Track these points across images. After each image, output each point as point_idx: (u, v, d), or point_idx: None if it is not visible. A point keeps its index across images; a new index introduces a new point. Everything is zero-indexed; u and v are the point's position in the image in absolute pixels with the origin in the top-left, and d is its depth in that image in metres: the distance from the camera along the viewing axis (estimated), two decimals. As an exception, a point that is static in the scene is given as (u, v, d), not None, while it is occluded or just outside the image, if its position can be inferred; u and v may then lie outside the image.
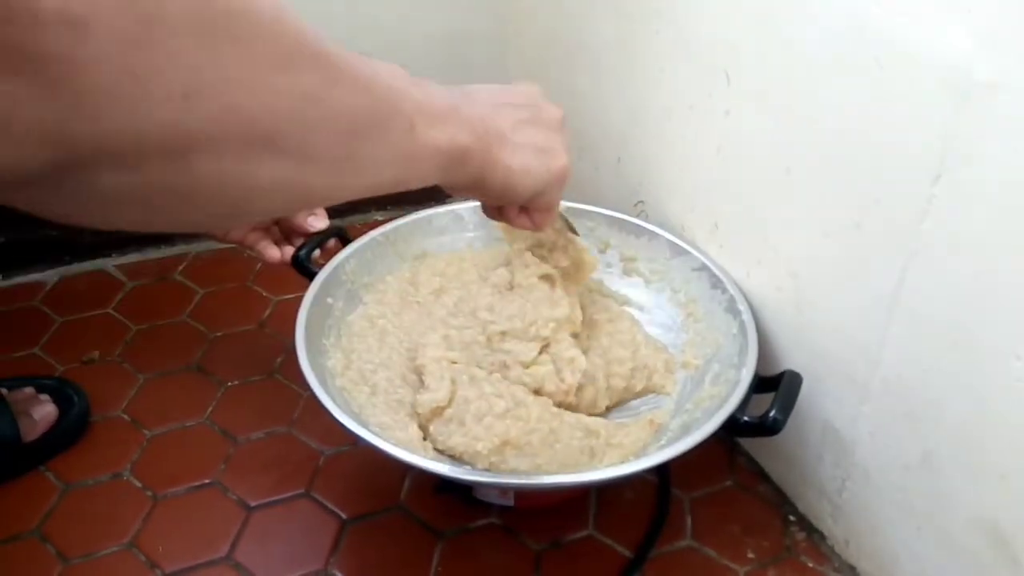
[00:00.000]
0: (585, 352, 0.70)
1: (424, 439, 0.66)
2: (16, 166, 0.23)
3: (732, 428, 0.60)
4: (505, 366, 0.68)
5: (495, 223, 0.58)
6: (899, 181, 0.53)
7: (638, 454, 0.65)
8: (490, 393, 0.66)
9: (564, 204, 0.75)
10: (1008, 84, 0.45)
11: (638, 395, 0.73)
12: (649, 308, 0.80)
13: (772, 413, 0.59)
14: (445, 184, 0.43)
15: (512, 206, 0.53)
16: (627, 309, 0.79)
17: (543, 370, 0.67)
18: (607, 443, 0.66)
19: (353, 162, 0.34)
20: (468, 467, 0.64)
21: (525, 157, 0.47)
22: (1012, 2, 0.43)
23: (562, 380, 0.67)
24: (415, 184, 0.40)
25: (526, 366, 0.68)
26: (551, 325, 0.68)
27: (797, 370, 0.65)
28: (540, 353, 0.68)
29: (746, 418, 0.60)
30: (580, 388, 0.68)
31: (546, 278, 0.70)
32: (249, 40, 0.26)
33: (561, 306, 0.69)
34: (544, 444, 0.64)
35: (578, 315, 0.71)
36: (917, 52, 0.49)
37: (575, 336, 0.71)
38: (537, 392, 0.67)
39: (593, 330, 0.75)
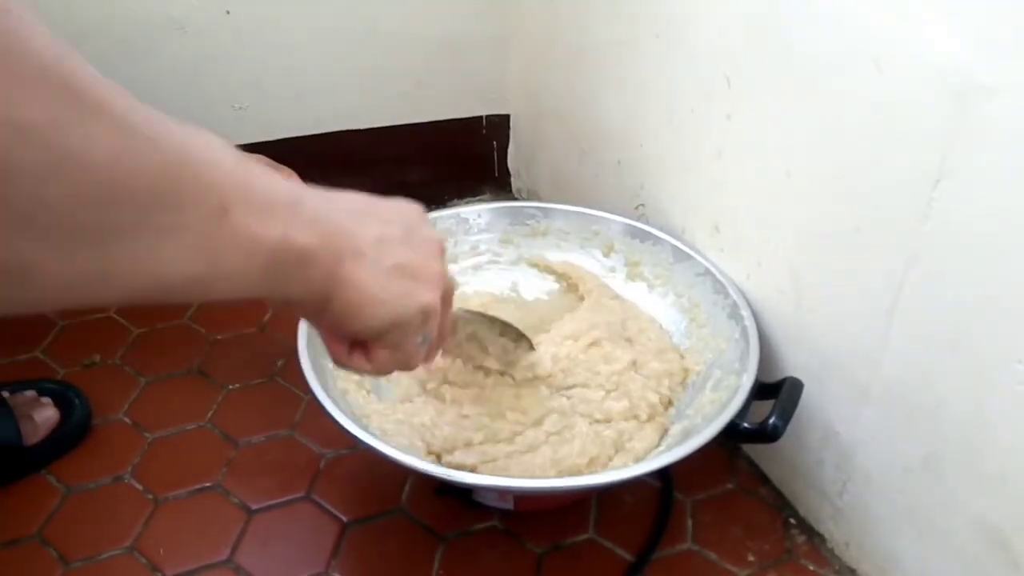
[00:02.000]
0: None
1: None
2: None
3: (732, 434, 0.60)
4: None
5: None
6: (899, 185, 0.53)
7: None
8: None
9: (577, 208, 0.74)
10: (1007, 88, 0.45)
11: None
12: (653, 313, 0.80)
13: (772, 420, 0.59)
14: (270, 295, 0.33)
15: (345, 339, 0.41)
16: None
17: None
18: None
19: (106, 244, 0.25)
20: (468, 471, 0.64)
21: (383, 280, 0.37)
22: (1011, 7, 0.43)
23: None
24: (224, 289, 0.30)
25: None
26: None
27: (798, 373, 0.65)
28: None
29: (746, 424, 0.60)
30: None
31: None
32: None
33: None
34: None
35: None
36: (917, 56, 0.50)
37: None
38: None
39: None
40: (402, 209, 0.41)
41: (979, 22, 0.45)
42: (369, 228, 0.37)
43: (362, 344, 0.41)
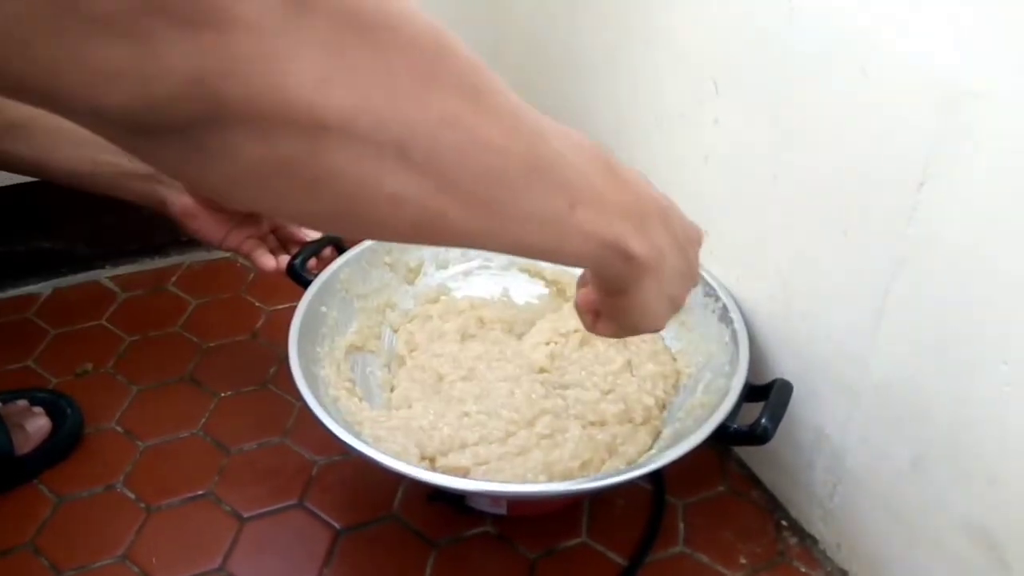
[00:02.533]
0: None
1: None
2: (170, 111, 0.24)
3: (722, 437, 0.60)
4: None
5: None
6: (885, 188, 0.53)
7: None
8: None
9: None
10: (992, 92, 0.45)
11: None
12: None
13: (762, 422, 0.59)
14: (597, 271, 0.43)
15: (610, 320, 0.49)
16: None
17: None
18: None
19: (497, 209, 0.33)
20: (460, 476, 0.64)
21: (660, 307, 0.45)
22: (996, 11, 0.44)
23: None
24: (565, 259, 0.38)
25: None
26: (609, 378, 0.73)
27: (788, 376, 0.65)
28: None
29: (736, 426, 0.60)
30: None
31: None
32: (387, 48, 0.28)
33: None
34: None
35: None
36: (902, 60, 0.50)
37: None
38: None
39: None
40: (692, 240, 0.47)
41: (964, 28, 0.46)
42: (672, 259, 0.43)
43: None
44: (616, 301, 0.44)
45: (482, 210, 0.32)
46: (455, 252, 0.85)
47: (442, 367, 0.75)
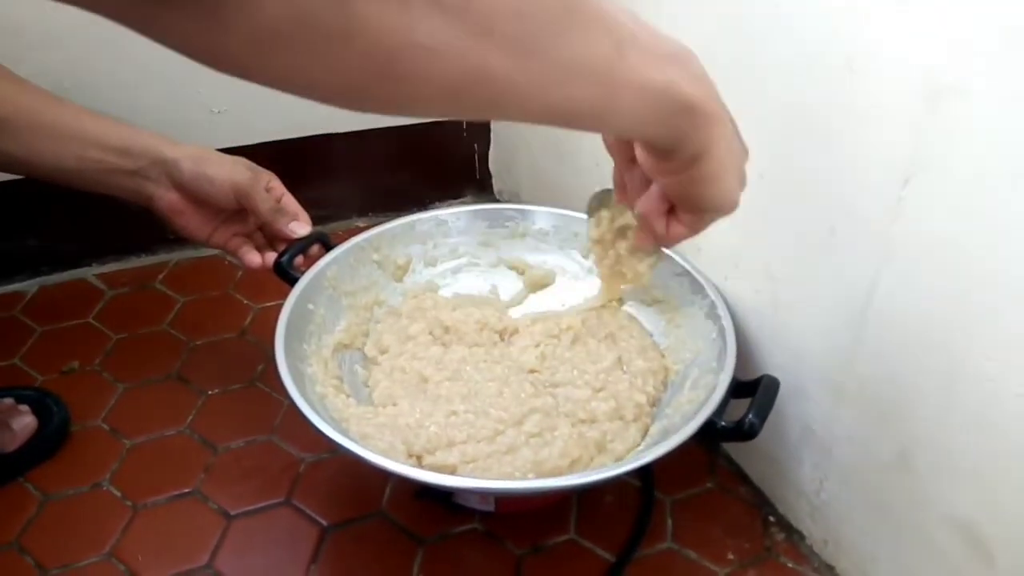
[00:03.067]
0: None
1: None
2: None
3: (709, 433, 0.60)
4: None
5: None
6: (870, 185, 0.53)
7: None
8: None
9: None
10: (976, 89, 0.45)
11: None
12: (632, 315, 0.80)
13: (749, 418, 0.59)
14: (654, 137, 0.39)
15: (677, 203, 0.47)
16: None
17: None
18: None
19: (541, 57, 0.31)
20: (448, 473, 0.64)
21: (737, 162, 0.43)
22: (981, 8, 0.44)
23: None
24: (617, 124, 0.36)
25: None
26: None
27: (775, 372, 0.65)
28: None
29: (723, 423, 0.60)
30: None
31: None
32: None
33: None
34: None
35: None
36: (888, 57, 0.50)
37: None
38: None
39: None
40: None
41: (949, 24, 0.46)
42: (726, 109, 0.41)
43: (674, 213, 0.47)
44: (692, 173, 0.41)
45: (527, 61, 0.31)
46: (443, 249, 0.84)
47: (425, 368, 0.74)
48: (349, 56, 0.27)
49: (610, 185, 0.58)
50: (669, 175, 0.43)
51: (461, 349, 0.76)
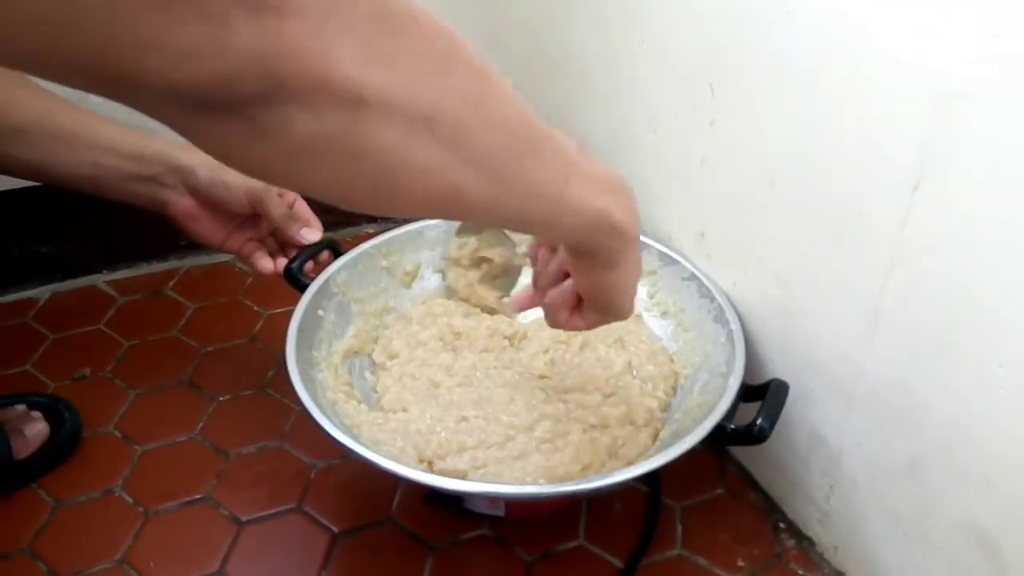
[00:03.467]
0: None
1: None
2: (236, 87, 0.28)
3: (719, 437, 0.60)
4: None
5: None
6: (879, 190, 0.54)
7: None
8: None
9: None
10: (984, 93, 0.45)
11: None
12: (640, 318, 0.80)
13: (758, 422, 0.59)
14: (584, 245, 0.47)
15: (585, 300, 0.54)
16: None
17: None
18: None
19: (506, 180, 0.37)
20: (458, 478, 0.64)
21: (637, 274, 0.51)
22: (987, 12, 0.44)
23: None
24: (559, 235, 0.45)
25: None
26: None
27: (784, 378, 0.65)
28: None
29: (733, 426, 0.60)
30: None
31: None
32: (414, 34, 0.32)
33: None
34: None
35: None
36: (894, 62, 0.50)
37: None
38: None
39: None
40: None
41: (956, 28, 0.46)
42: (639, 235, 0.49)
43: (578, 310, 0.55)
44: (604, 279, 0.49)
45: (495, 182, 0.37)
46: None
47: (436, 374, 0.75)
48: (358, 171, 0.33)
49: None
50: (586, 276, 0.51)
51: (471, 355, 0.77)
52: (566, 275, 0.54)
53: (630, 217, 0.46)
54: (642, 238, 0.80)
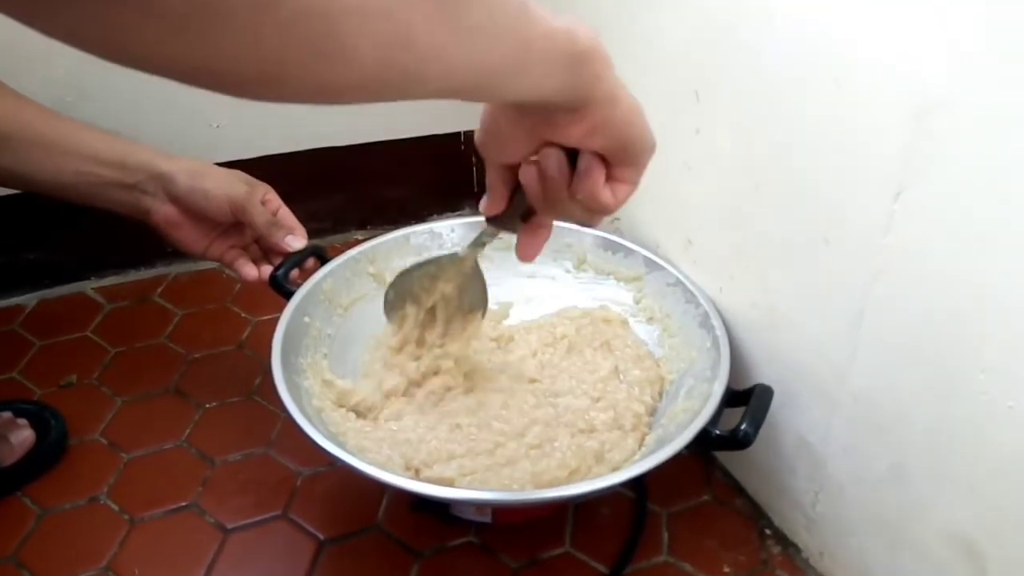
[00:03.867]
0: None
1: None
2: None
3: (704, 442, 0.60)
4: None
5: None
6: (862, 198, 0.54)
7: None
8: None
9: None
10: (963, 102, 0.45)
11: None
12: (627, 323, 0.80)
13: (743, 427, 0.59)
14: (567, 88, 0.40)
15: (611, 158, 0.46)
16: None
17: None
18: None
19: (459, 18, 0.31)
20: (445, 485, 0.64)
21: (639, 106, 0.44)
22: (967, 22, 0.44)
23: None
24: (532, 80, 0.37)
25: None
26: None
27: (770, 383, 0.65)
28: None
29: (717, 432, 0.61)
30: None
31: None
32: None
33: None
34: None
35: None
36: (875, 73, 0.50)
37: None
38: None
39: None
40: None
41: (936, 38, 0.46)
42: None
43: (611, 180, 0.47)
44: (610, 116, 0.42)
45: (447, 18, 0.30)
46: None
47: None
48: (270, 25, 0.25)
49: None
50: (593, 133, 0.43)
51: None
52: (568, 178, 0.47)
53: (594, 36, 0.40)
54: (628, 244, 0.81)
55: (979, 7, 0.43)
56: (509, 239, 0.84)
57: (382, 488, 0.74)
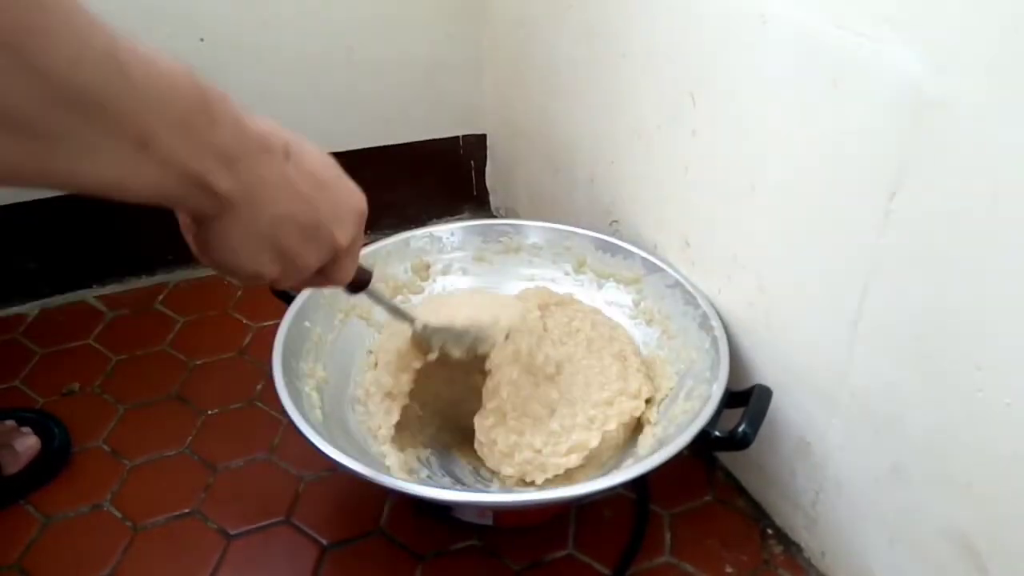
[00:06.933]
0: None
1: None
2: None
3: (704, 443, 0.61)
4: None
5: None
6: (858, 198, 0.54)
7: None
8: None
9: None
10: (958, 103, 0.46)
11: None
12: (626, 325, 0.80)
13: (742, 427, 0.59)
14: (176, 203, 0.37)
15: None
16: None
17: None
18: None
19: (36, 140, 0.28)
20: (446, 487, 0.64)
21: (255, 242, 0.41)
22: (962, 24, 0.44)
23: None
24: (138, 198, 0.34)
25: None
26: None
27: (769, 384, 0.65)
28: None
29: (717, 432, 0.61)
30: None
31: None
32: None
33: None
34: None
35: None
36: (871, 73, 0.51)
37: None
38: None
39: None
40: (339, 201, 0.45)
41: (930, 40, 0.46)
42: (283, 205, 0.41)
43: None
44: (200, 231, 0.40)
45: (31, 144, 0.28)
46: (438, 265, 0.85)
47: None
48: None
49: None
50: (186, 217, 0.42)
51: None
52: None
53: (244, 184, 0.38)
54: (627, 246, 0.81)
55: (974, 8, 0.43)
56: (508, 240, 0.86)
57: (384, 492, 0.74)
